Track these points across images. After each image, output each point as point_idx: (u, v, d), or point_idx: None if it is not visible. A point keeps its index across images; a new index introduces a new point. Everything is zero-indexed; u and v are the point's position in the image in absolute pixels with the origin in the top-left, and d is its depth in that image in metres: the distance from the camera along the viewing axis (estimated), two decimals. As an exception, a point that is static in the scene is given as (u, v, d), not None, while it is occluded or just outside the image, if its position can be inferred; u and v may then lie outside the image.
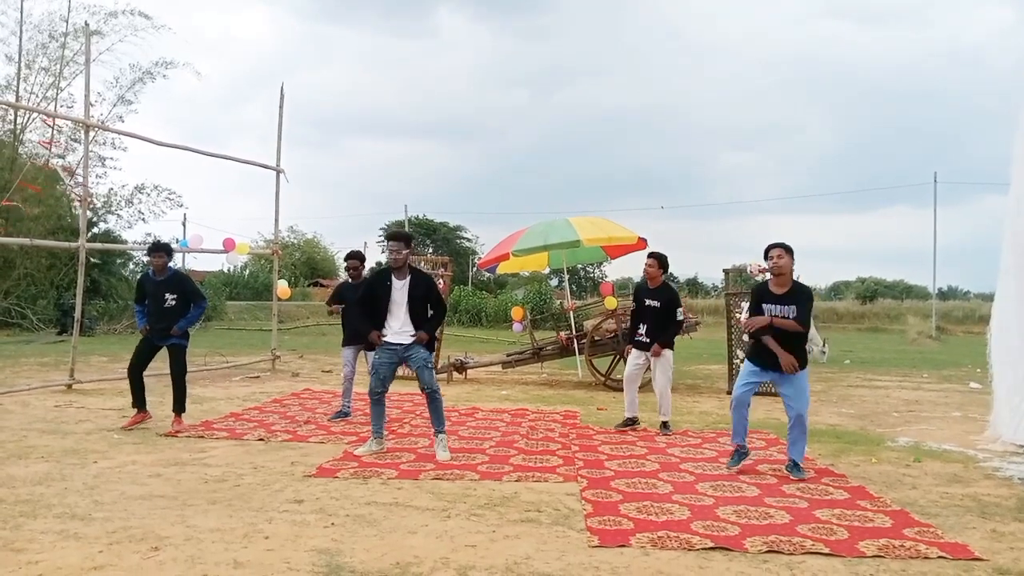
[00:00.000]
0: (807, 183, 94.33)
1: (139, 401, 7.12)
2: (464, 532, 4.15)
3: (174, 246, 8.90)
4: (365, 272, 8.13)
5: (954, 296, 50.15)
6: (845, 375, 13.48)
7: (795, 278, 5.65)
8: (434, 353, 6.60)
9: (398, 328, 6.08)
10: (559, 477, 5.46)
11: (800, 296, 5.63)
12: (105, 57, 22.24)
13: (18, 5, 21.39)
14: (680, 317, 7.45)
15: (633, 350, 7.49)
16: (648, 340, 7.31)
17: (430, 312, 6.18)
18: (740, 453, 5.74)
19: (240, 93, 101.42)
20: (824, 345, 16.26)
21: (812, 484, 5.31)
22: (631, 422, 7.45)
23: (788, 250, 5.61)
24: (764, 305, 5.63)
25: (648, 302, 7.35)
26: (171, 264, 7.27)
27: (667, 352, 7.32)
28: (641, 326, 7.39)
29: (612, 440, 6.91)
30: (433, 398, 6.12)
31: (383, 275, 6.21)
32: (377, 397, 6.19)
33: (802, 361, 5.51)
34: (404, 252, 6.09)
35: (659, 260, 7.47)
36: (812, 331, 16.48)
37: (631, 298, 8.11)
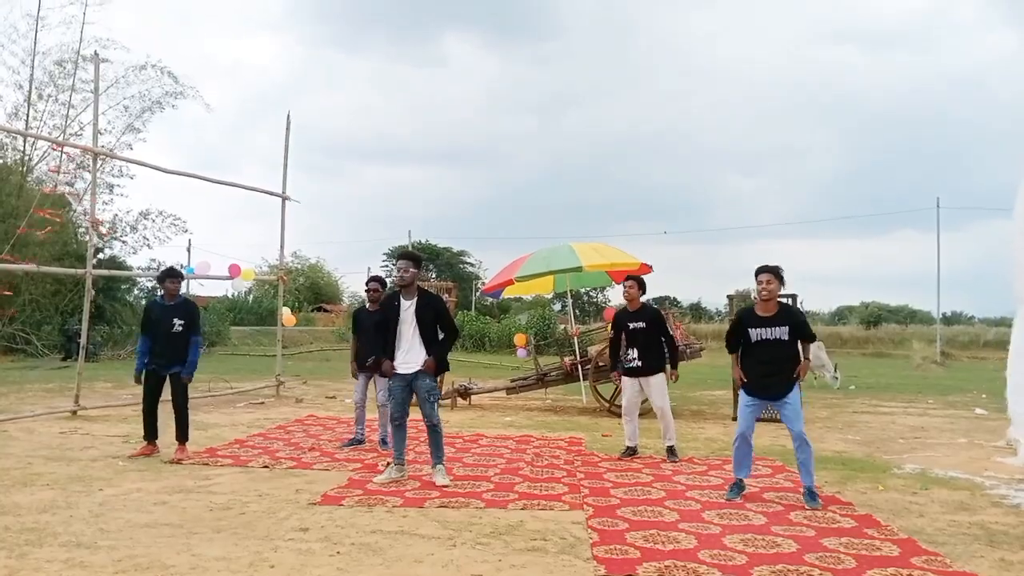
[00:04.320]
0: (811, 208, 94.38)
1: (150, 434, 7.11)
2: (470, 561, 4.13)
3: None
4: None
5: (959, 321, 49.88)
6: (850, 401, 13.42)
7: (797, 303, 5.69)
8: (441, 378, 6.51)
9: (406, 350, 5.99)
10: (565, 505, 5.44)
11: (790, 316, 5.70)
12: (125, 92, 22.74)
13: (31, 35, 21.74)
14: (672, 332, 7.42)
15: (625, 379, 7.39)
16: (641, 364, 7.21)
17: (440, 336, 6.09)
18: (739, 486, 5.74)
19: (248, 119, 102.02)
20: (836, 371, 16.26)
21: (819, 512, 5.29)
22: (631, 451, 7.42)
23: (777, 275, 5.68)
24: (751, 329, 5.67)
25: (633, 325, 7.27)
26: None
27: (659, 375, 7.25)
28: (631, 351, 7.27)
29: (617, 467, 6.89)
30: (434, 431, 6.06)
31: (392, 297, 6.18)
32: (398, 422, 6.13)
33: (793, 382, 5.61)
34: (412, 271, 6.06)
35: (639, 283, 7.46)
36: (824, 357, 16.50)
37: (609, 328, 7.91)
